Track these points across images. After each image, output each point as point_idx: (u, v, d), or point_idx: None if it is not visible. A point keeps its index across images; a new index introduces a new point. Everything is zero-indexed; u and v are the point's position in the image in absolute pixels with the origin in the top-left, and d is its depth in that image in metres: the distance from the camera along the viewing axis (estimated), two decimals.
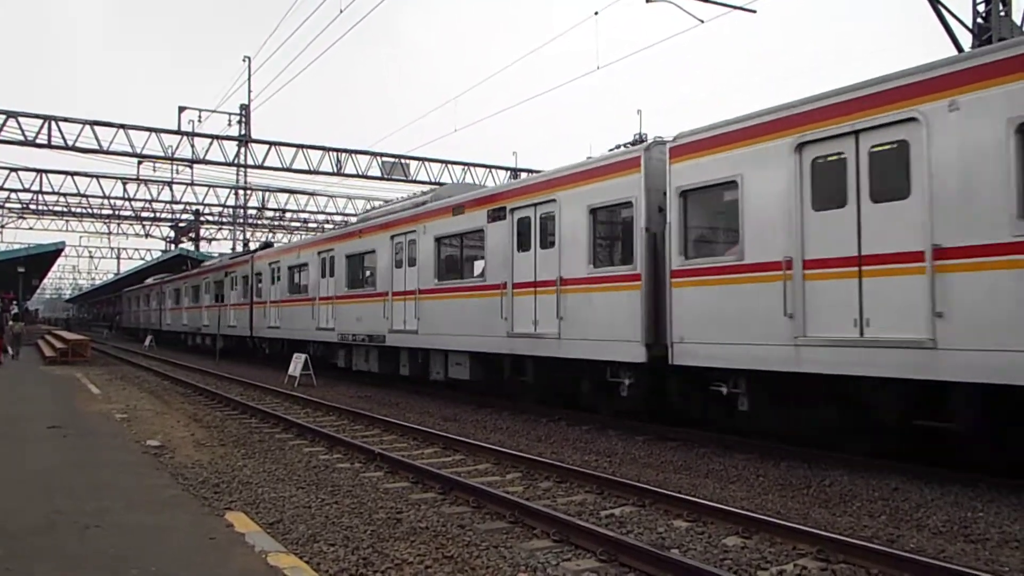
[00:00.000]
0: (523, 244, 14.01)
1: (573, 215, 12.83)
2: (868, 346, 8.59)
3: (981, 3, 15.30)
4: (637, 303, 11.49)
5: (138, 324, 57.86)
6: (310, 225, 60.20)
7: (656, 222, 11.48)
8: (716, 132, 10.54)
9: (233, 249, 49.93)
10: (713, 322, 10.41)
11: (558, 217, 13.14)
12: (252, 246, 49.38)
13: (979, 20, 15.28)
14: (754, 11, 17.36)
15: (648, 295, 11.43)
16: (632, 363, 11.71)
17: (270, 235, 62.18)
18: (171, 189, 45.51)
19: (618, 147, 13.76)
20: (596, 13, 19.27)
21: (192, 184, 43.85)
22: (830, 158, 9.12)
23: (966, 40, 15.34)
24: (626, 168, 11.87)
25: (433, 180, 35.85)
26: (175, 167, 35.84)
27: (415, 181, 35.84)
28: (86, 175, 42.18)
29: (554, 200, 13.26)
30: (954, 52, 14.15)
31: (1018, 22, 15.01)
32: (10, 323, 34.90)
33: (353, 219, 51.38)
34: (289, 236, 61.80)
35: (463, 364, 15.91)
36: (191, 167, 35.97)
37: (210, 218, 58.91)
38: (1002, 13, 14.98)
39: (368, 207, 50.83)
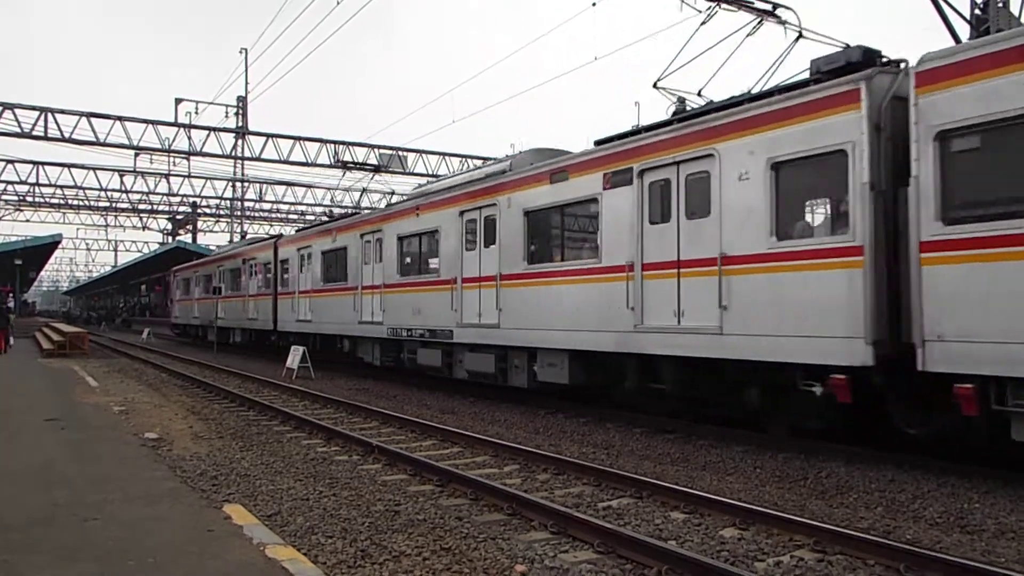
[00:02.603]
0: (658, 214, 11.12)
1: (743, 172, 9.89)
2: None
3: None
4: (857, 286, 8.55)
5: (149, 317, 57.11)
6: (307, 217, 60.13)
7: (886, 176, 8.64)
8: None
9: (231, 242, 49.76)
10: (999, 313, 7.47)
11: (717, 176, 10.18)
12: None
13: (977, 12, 15.25)
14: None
15: (875, 274, 8.54)
16: (844, 366, 8.67)
17: (268, 227, 62.15)
18: (168, 181, 45.48)
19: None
20: (594, 4, 19.18)
21: (189, 176, 43.77)
22: None
23: (964, 32, 15.30)
24: (834, 105, 8.89)
25: (430, 172, 35.81)
26: (172, 159, 35.73)
27: (412, 173, 35.80)
28: (83, 167, 42.06)
29: (711, 155, 10.28)
30: (952, 44, 14.10)
31: (1016, 13, 14.98)
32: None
33: (345, 213, 51.41)
34: (283, 229, 61.65)
35: (559, 365, 13.04)
36: (188, 159, 35.86)
37: (207, 210, 58.82)
38: (1000, 4, 14.95)
39: (367, 199, 50.83)
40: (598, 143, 12.65)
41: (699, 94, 11.94)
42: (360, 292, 20.07)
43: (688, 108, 11.74)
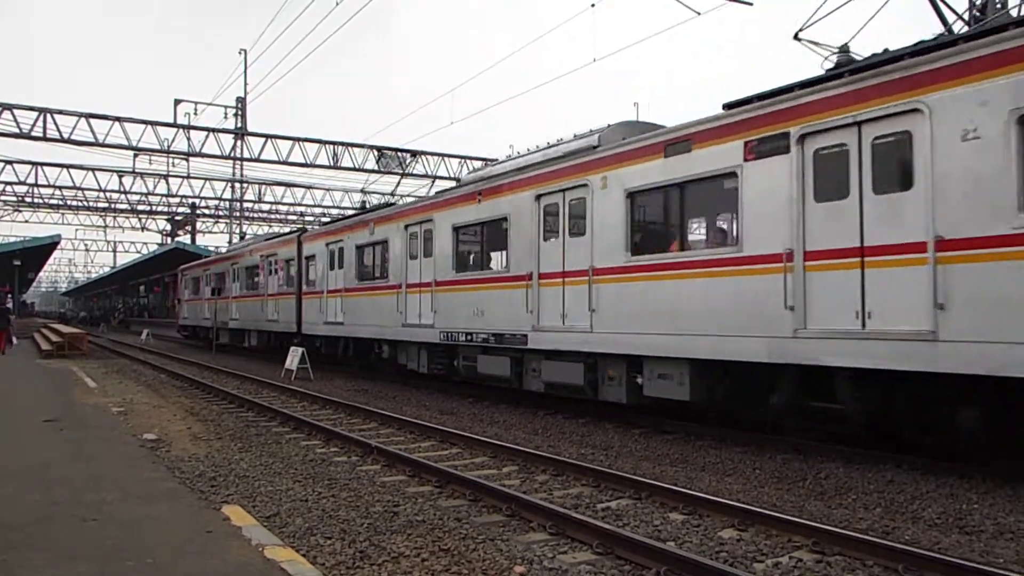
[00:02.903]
0: (830, 189, 8.93)
1: (968, 130, 7.65)
2: None
3: None
4: None
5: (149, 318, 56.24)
6: (306, 218, 60.13)
7: None
8: None
9: (229, 243, 49.73)
10: None
11: (925, 137, 8.00)
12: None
13: (975, 12, 15.27)
14: (750, 3, 17.33)
15: None
16: None
17: (267, 228, 62.08)
18: (167, 182, 45.48)
19: None
20: (593, 5, 19.20)
21: (188, 177, 43.76)
22: None
23: (962, 30, 15.31)
24: None
25: (430, 173, 35.81)
26: (171, 160, 35.70)
27: (412, 175, 35.80)
28: (82, 168, 42.03)
29: (916, 110, 8.10)
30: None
31: (1014, 13, 15.00)
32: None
33: (344, 213, 50.68)
34: (282, 230, 61.56)
35: (675, 377, 10.83)
36: (187, 160, 35.83)
37: (206, 211, 58.81)
38: (998, 5, 14.97)
39: (365, 200, 50.81)
40: (730, 106, 10.41)
41: (842, 50, 10.45)
42: (404, 291, 17.80)
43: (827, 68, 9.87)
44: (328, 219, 53.35)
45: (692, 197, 11.05)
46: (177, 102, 31.38)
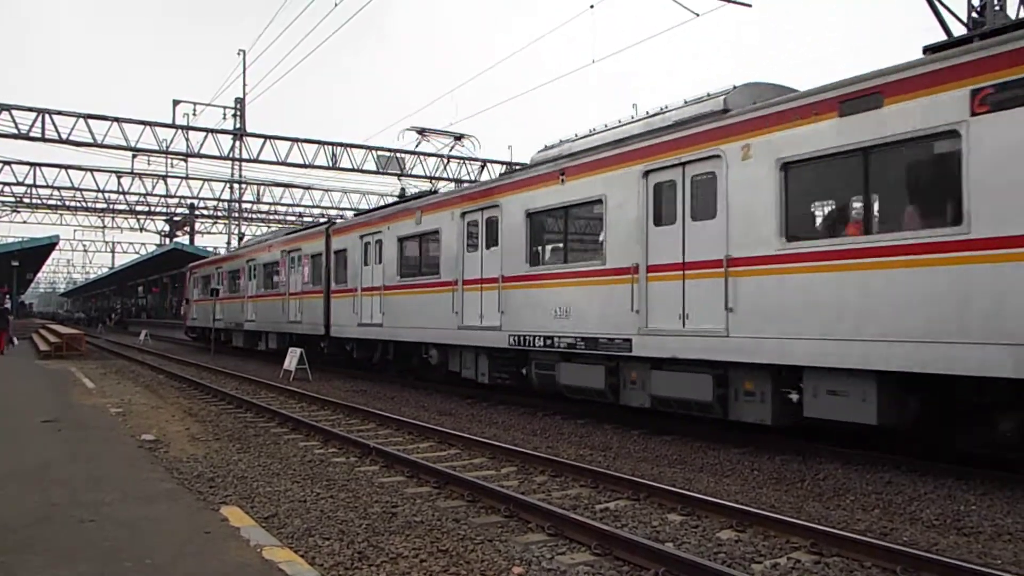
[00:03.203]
0: None
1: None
2: None
3: None
4: None
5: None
6: (305, 219, 60.12)
7: None
8: None
9: (228, 244, 49.68)
10: None
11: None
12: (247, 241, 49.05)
13: (974, 15, 15.30)
14: (749, 4, 17.36)
15: None
16: None
17: (266, 229, 62.01)
18: (166, 183, 45.44)
19: None
20: (592, 7, 19.21)
21: (187, 178, 43.76)
22: None
23: (961, 34, 15.34)
24: None
25: (429, 175, 35.81)
26: (169, 161, 35.68)
27: (411, 175, 35.80)
28: (80, 168, 42.00)
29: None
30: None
31: (1012, 16, 15.03)
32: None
33: (344, 214, 49.87)
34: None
35: (854, 395, 8.68)
36: (185, 161, 35.81)
37: (205, 212, 58.80)
38: (996, 7, 15.00)
39: (364, 201, 50.83)
40: (932, 49, 8.66)
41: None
42: (461, 288, 15.57)
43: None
44: (356, 211, 52.49)
45: (878, 166, 8.70)
46: (176, 103, 31.37)
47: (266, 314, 27.42)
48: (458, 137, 20.93)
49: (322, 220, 39.87)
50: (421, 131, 20.20)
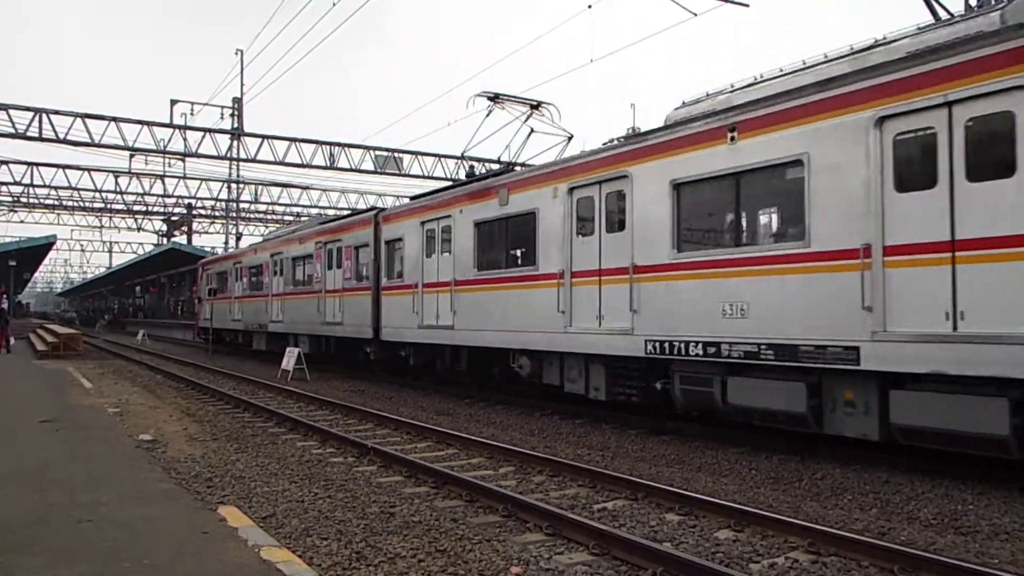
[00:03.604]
0: None
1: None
2: None
3: None
4: None
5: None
6: (302, 219, 60.06)
7: None
8: None
9: (226, 244, 49.58)
10: None
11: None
12: (245, 241, 48.94)
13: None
14: (747, 4, 17.35)
15: None
16: None
17: (264, 228, 61.94)
18: (163, 183, 45.40)
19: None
20: (590, 6, 19.21)
21: (184, 178, 43.72)
22: None
23: None
24: None
25: (426, 174, 35.82)
26: (167, 160, 35.68)
27: (409, 175, 35.81)
28: (77, 168, 41.97)
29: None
30: None
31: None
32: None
33: (340, 213, 49.76)
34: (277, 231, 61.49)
35: None
36: (183, 160, 35.79)
37: (202, 212, 58.76)
38: (992, 1, 15.00)
39: (362, 201, 50.79)
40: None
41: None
42: (568, 283, 12.72)
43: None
44: (353, 211, 52.26)
45: None
46: (173, 102, 31.38)
47: (296, 314, 24.41)
48: (535, 105, 17.77)
49: (362, 209, 37.56)
50: (494, 97, 16.90)
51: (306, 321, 23.53)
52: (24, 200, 50.98)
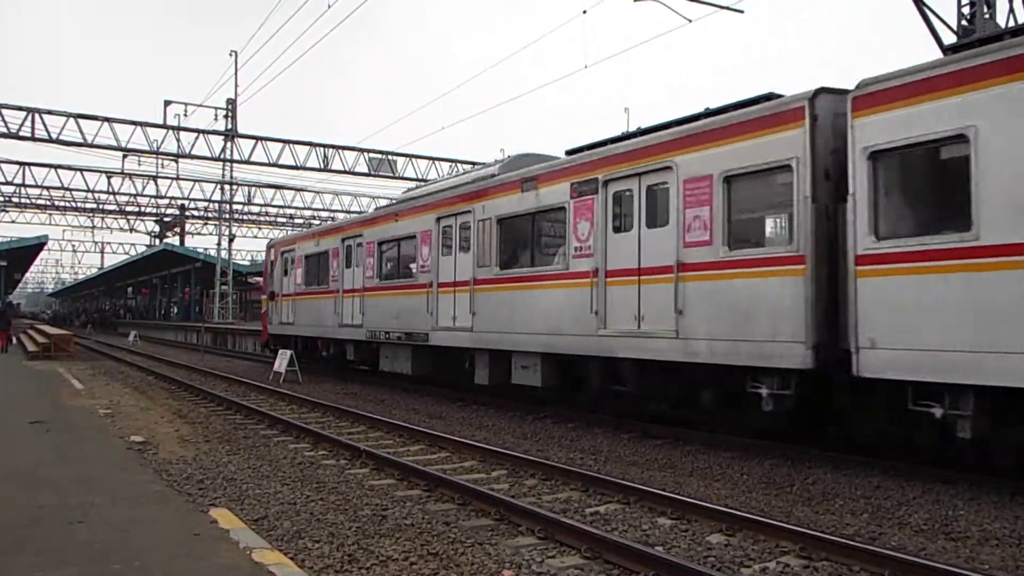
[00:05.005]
0: None
1: None
2: None
3: (966, 5, 15.42)
4: None
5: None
6: (296, 221, 60.03)
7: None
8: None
9: (219, 245, 49.27)
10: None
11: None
12: (237, 244, 48.64)
13: (963, 22, 15.41)
14: (741, 11, 17.44)
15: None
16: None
17: (256, 230, 61.82)
18: (156, 183, 45.42)
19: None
20: (584, 12, 19.28)
21: (177, 179, 43.71)
22: None
23: (951, 42, 15.45)
24: None
25: (420, 177, 35.82)
26: (160, 161, 35.62)
27: (402, 177, 35.82)
28: (70, 168, 41.90)
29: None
30: (939, 54, 14.23)
31: (1002, 24, 15.14)
32: None
33: (335, 216, 49.35)
34: (272, 232, 61.30)
35: None
36: (176, 161, 35.75)
37: (195, 213, 58.65)
38: (987, 15, 15.11)
39: (355, 203, 50.70)
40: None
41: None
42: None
43: None
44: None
45: None
46: (167, 103, 31.40)
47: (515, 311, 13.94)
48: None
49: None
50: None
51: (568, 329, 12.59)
52: (16, 200, 50.84)
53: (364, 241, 19.42)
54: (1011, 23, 15.12)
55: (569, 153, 13.24)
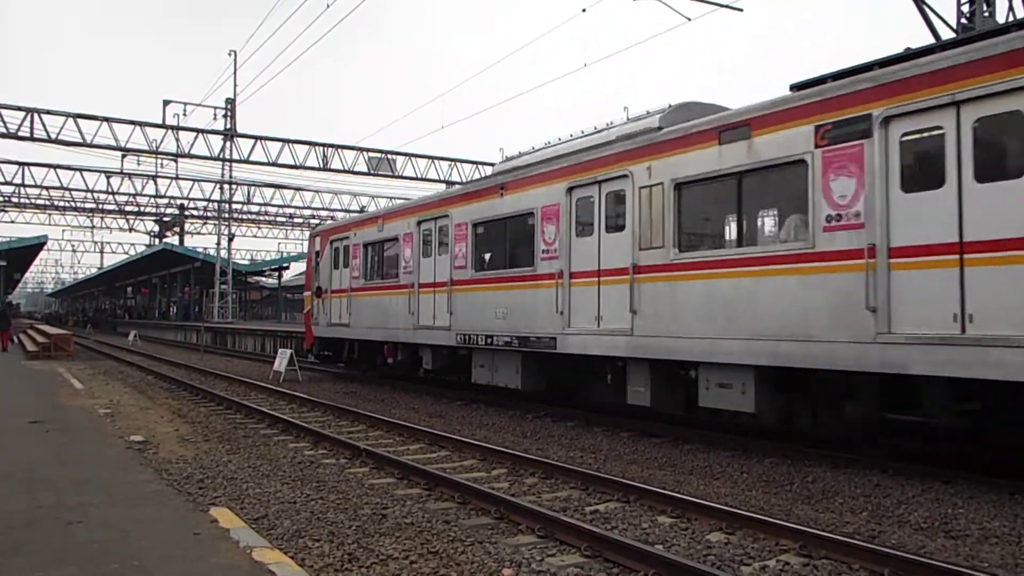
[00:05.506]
0: None
1: None
2: None
3: (965, 3, 15.42)
4: None
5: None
6: (295, 220, 60.04)
7: None
8: None
9: (218, 245, 49.27)
10: None
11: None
12: (236, 243, 48.59)
13: (963, 20, 15.41)
14: (740, 9, 17.43)
15: None
16: None
17: (256, 230, 61.80)
18: (155, 183, 45.41)
19: None
20: (584, 10, 19.26)
21: (176, 178, 43.71)
22: None
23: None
24: None
25: (419, 176, 35.81)
26: (159, 161, 35.62)
27: (402, 177, 35.81)
28: (69, 168, 41.87)
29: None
30: None
31: (1002, 21, 15.14)
32: None
33: (334, 216, 49.28)
34: (271, 232, 61.29)
35: None
36: (175, 161, 35.73)
37: (195, 213, 58.63)
38: (986, 13, 15.11)
39: (354, 203, 50.75)
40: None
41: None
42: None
43: None
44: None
45: None
46: (166, 103, 31.37)
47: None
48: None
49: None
50: None
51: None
52: (15, 200, 50.82)
53: (452, 223, 15.77)
54: (1010, 19, 15.12)
55: (795, 88, 9.61)
